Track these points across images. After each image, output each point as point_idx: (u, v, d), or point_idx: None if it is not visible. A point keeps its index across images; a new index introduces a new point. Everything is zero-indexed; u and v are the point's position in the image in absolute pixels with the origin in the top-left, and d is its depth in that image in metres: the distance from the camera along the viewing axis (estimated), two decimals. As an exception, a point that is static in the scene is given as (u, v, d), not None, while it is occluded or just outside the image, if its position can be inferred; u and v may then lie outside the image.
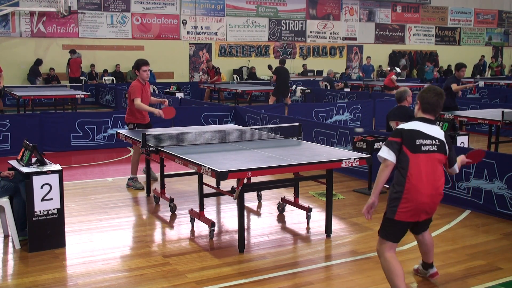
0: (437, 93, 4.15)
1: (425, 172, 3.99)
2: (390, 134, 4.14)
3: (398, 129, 4.09)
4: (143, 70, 7.65)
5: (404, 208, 3.99)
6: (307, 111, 12.85)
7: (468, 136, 7.86)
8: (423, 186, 3.97)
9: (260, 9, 23.67)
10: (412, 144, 3.99)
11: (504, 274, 4.82)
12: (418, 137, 4.01)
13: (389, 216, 4.07)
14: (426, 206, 4.04)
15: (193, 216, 6.02)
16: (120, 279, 4.70)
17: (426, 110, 4.16)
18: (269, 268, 4.93)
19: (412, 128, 4.06)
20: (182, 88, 18.50)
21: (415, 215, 4.04)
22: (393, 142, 4.02)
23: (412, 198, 3.97)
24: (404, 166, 3.99)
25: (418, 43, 27.94)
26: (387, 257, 4.09)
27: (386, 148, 4.02)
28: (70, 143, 10.57)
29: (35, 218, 5.19)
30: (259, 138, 6.83)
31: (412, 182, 3.96)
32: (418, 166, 3.97)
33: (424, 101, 4.16)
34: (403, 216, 4.02)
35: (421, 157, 3.99)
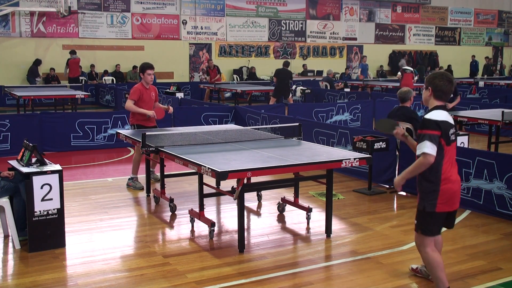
0: (450, 80, 4.12)
1: (454, 161, 4.11)
2: (423, 126, 4.00)
3: (434, 121, 3.97)
4: (148, 73, 7.63)
5: (443, 200, 4.05)
6: (307, 111, 12.85)
7: (468, 136, 7.86)
8: (455, 175, 4.10)
9: (260, 9, 23.67)
10: (447, 136, 4.01)
11: (504, 274, 4.82)
12: (450, 128, 4.04)
13: (430, 209, 4.07)
14: (459, 194, 4.16)
15: (193, 216, 6.02)
16: (120, 279, 4.70)
17: (440, 98, 4.13)
18: (269, 268, 4.93)
19: (444, 120, 4.01)
20: (182, 88, 18.51)
21: (453, 204, 4.13)
22: (435, 136, 3.94)
23: (449, 188, 4.05)
24: (440, 158, 3.99)
25: (418, 43, 27.94)
26: (428, 251, 4.18)
27: (429, 143, 3.93)
28: (70, 143, 10.57)
29: (35, 218, 5.19)
30: (259, 138, 6.83)
31: (447, 173, 4.04)
32: (450, 157, 4.06)
33: (437, 88, 4.10)
34: (442, 207, 4.07)
35: (452, 148, 4.07)
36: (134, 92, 7.59)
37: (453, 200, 4.11)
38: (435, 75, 4.18)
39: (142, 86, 7.68)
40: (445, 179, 4.03)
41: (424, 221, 4.16)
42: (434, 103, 4.14)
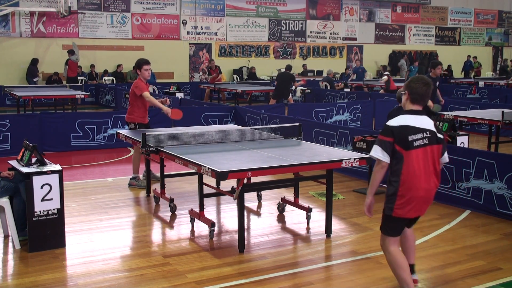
0: (426, 83, 4.10)
1: (419, 167, 3.95)
2: (380, 132, 4.07)
3: (389, 127, 3.99)
4: (145, 69, 7.74)
5: (400, 205, 4.00)
6: (307, 111, 12.85)
7: (468, 136, 7.86)
8: (418, 181, 3.95)
9: (260, 9, 23.67)
10: (405, 141, 3.93)
11: (504, 274, 4.82)
12: (409, 133, 3.94)
13: (387, 213, 4.09)
14: (422, 200, 4.03)
15: (193, 216, 6.02)
16: (120, 279, 4.70)
17: (415, 101, 4.10)
18: (269, 268, 4.93)
19: (402, 125, 3.98)
20: (182, 88, 18.51)
21: (412, 210, 4.04)
22: (385, 142, 3.95)
23: (408, 195, 3.96)
24: (398, 163, 3.95)
25: (418, 43, 27.95)
26: (391, 251, 4.13)
27: (379, 148, 3.96)
28: (70, 143, 10.57)
29: (35, 218, 5.19)
30: (259, 138, 6.83)
31: (407, 179, 3.94)
32: (412, 163, 3.93)
33: (413, 91, 4.09)
34: (400, 212, 4.03)
35: (414, 153, 3.93)
36: (142, 86, 7.68)
37: (414, 207, 4.01)
38: (412, 79, 4.20)
39: (141, 81, 7.78)
40: (405, 186, 3.94)
41: (384, 223, 4.17)
42: (408, 107, 4.14)
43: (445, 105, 13.69)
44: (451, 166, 6.84)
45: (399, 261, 4.09)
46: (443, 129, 7.81)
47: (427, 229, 6.01)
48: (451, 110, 12.48)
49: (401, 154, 3.93)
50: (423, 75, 9.52)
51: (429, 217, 6.50)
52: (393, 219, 4.08)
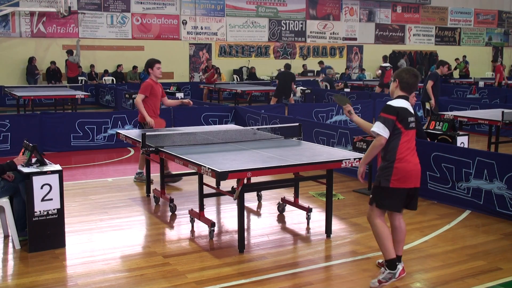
0: (416, 75, 4.54)
1: (411, 145, 4.46)
2: (382, 110, 4.43)
3: (393, 107, 4.39)
4: (157, 67, 7.86)
5: (396, 176, 4.37)
6: (307, 111, 12.85)
7: (468, 136, 7.85)
8: (411, 157, 4.44)
9: (260, 9, 23.67)
10: (405, 121, 4.39)
11: (504, 274, 4.82)
12: (409, 115, 4.42)
13: (384, 184, 4.42)
14: (414, 173, 4.45)
15: (193, 216, 6.02)
16: (120, 279, 4.70)
17: (404, 89, 4.52)
18: (269, 268, 4.93)
19: (403, 106, 4.40)
20: (182, 88, 18.49)
21: (407, 182, 4.41)
22: (389, 120, 4.34)
23: (403, 167, 4.38)
24: (396, 140, 4.38)
25: (418, 43, 27.95)
26: (378, 222, 4.47)
27: (382, 125, 4.35)
28: (70, 143, 10.57)
29: (35, 218, 5.19)
30: (259, 138, 6.83)
31: (403, 154, 4.39)
32: (407, 140, 4.42)
33: (403, 80, 4.52)
34: (397, 184, 4.38)
35: (410, 133, 4.45)
36: (145, 87, 7.76)
37: (408, 178, 4.39)
38: (403, 69, 4.63)
39: (151, 81, 7.86)
40: (399, 159, 4.38)
41: (379, 195, 4.47)
42: (398, 93, 4.54)
43: (445, 105, 13.71)
44: (451, 166, 6.84)
45: (385, 232, 4.45)
46: (443, 129, 7.81)
47: (427, 229, 6.01)
48: (451, 110, 12.48)
49: (401, 131, 4.38)
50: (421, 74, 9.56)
51: (429, 217, 6.51)
52: (391, 191, 4.41)
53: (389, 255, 4.44)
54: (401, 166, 4.38)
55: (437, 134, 7.76)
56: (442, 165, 6.95)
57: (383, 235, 4.44)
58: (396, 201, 4.46)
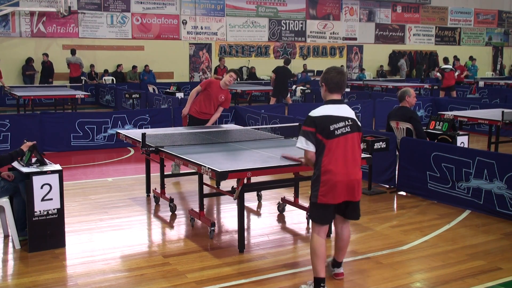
0: (339, 72, 4.27)
1: (341, 154, 4.13)
2: (303, 123, 4.22)
3: (311, 118, 4.16)
4: (231, 75, 7.86)
5: (323, 192, 4.14)
6: (307, 111, 12.72)
7: (468, 136, 7.86)
8: (338, 168, 4.12)
9: (260, 9, 23.67)
10: (326, 130, 4.10)
11: (504, 274, 4.82)
12: (331, 123, 4.11)
13: (313, 200, 4.22)
14: (344, 186, 4.15)
15: (193, 216, 6.02)
16: (120, 279, 4.70)
17: (333, 90, 4.25)
18: (269, 268, 4.93)
19: (323, 115, 4.13)
20: (182, 88, 18.48)
21: (335, 196, 4.16)
22: (308, 132, 4.12)
23: (329, 180, 4.12)
24: (320, 151, 4.13)
25: (418, 43, 27.94)
26: (313, 236, 4.28)
27: (304, 139, 4.14)
28: (70, 143, 10.57)
29: (35, 218, 5.19)
30: (259, 138, 6.83)
31: (328, 166, 4.11)
32: (334, 150, 4.11)
33: (328, 82, 4.24)
34: (324, 199, 4.16)
35: (335, 141, 4.11)
36: (204, 82, 7.98)
37: (336, 193, 4.14)
38: (326, 70, 4.34)
39: (217, 81, 7.98)
40: (326, 172, 4.11)
41: (311, 210, 4.32)
42: (328, 97, 4.28)
43: (445, 105, 13.72)
44: (451, 166, 6.84)
45: (319, 249, 4.22)
46: (443, 129, 7.81)
47: (427, 229, 6.01)
48: (451, 110, 12.49)
49: (323, 142, 4.11)
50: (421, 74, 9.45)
51: (429, 217, 6.51)
52: (319, 206, 4.21)
53: (316, 273, 4.26)
54: (327, 179, 4.11)
55: (437, 134, 7.76)
56: (442, 165, 6.95)
57: (314, 251, 4.24)
58: (325, 215, 4.27)
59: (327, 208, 4.23)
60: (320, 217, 4.26)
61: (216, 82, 7.89)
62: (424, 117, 13.61)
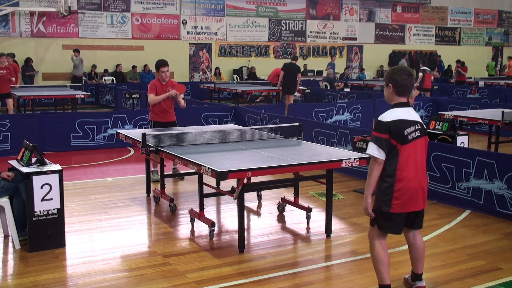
0: (410, 74, 4.04)
1: (413, 160, 3.99)
2: (374, 129, 4.01)
3: (384, 123, 3.93)
4: (161, 71, 7.87)
5: (398, 200, 3.97)
6: (307, 111, 12.85)
7: (468, 136, 7.86)
8: (413, 174, 3.98)
9: (260, 9, 23.67)
10: (401, 136, 3.92)
11: (504, 274, 4.82)
12: (405, 127, 3.94)
13: (385, 209, 4.01)
14: (418, 194, 4.04)
15: (193, 216, 6.02)
16: (120, 279, 4.70)
17: (401, 93, 4.03)
18: (269, 268, 4.93)
19: (397, 119, 3.94)
20: (182, 88, 18.46)
21: (409, 205, 4.02)
22: (381, 139, 3.91)
23: (405, 188, 3.96)
24: (394, 157, 3.94)
25: (418, 43, 27.95)
26: (375, 244, 4.12)
27: (375, 146, 3.92)
28: (70, 143, 10.57)
29: (35, 218, 5.19)
30: (259, 138, 6.83)
31: (403, 173, 3.95)
32: (408, 156, 3.95)
33: (397, 84, 4.01)
34: (399, 209, 3.99)
35: (409, 147, 3.96)
36: (151, 87, 7.88)
37: (410, 201, 4.00)
38: (394, 70, 4.09)
39: (158, 81, 7.93)
40: (401, 180, 3.94)
41: (380, 219, 4.08)
42: (395, 100, 4.06)
43: (445, 105, 13.72)
44: (451, 166, 6.84)
45: (380, 256, 4.09)
46: (443, 129, 7.81)
47: (427, 229, 6.00)
48: (451, 110, 12.49)
49: (398, 148, 3.93)
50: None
51: (429, 217, 6.50)
52: (391, 216, 4.03)
53: (381, 280, 4.11)
54: (403, 187, 3.95)
55: (437, 134, 7.76)
56: (442, 165, 6.95)
57: (378, 258, 4.09)
58: (397, 225, 4.10)
59: (400, 217, 4.07)
60: (391, 226, 4.09)
61: (157, 82, 7.87)
62: (424, 117, 13.61)
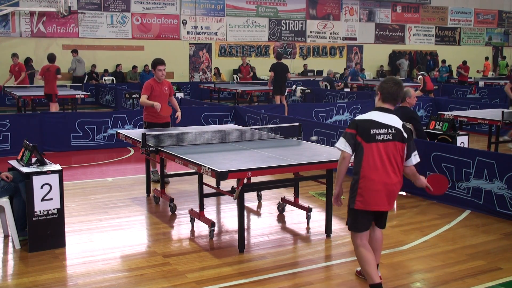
0: (396, 83, 4.27)
1: (380, 161, 4.08)
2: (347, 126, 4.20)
3: (354, 121, 4.20)
4: (158, 69, 7.78)
5: (361, 197, 4.11)
6: (307, 111, 12.84)
7: (468, 136, 7.86)
8: (377, 174, 4.08)
9: (260, 9, 23.67)
10: (366, 134, 4.09)
11: (504, 274, 4.82)
12: (372, 127, 4.10)
13: (350, 205, 4.20)
14: (381, 194, 4.10)
15: (193, 216, 6.02)
16: (120, 279, 4.70)
17: (386, 100, 4.24)
18: (269, 268, 4.93)
19: (366, 119, 4.15)
20: (182, 88, 18.51)
21: (372, 203, 4.11)
22: (348, 134, 4.13)
23: (367, 187, 4.08)
24: (359, 155, 4.12)
25: (418, 43, 27.94)
26: (358, 245, 4.24)
27: (343, 140, 4.13)
28: (70, 143, 10.57)
29: (35, 218, 5.19)
30: (259, 138, 6.83)
31: (366, 171, 4.09)
32: (373, 155, 4.08)
33: (384, 91, 4.25)
34: (361, 205, 4.13)
35: (375, 146, 4.08)
36: (145, 87, 7.75)
37: (372, 200, 4.09)
38: (384, 80, 4.35)
39: (154, 81, 7.84)
40: (364, 177, 4.09)
41: (349, 216, 4.26)
42: (378, 105, 4.28)
43: (445, 105, 13.71)
44: (451, 166, 6.84)
45: (365, 256, 4.19)
46: (443, 129, 7.81)
47: (427, 229, 6.01)
48: (451, 110, 12.49)
49: (362, 145, 4.09)
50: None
51: (429, 217, 6.51)
52: (355, 212, 4.18)
53: (371, 280, 4.18)
54: (365, 185, 4.08)
55: (437, 134, 7.76)
56: (442, 165, 6.95)
57: (362, 259, 4.21)
58: (361, 222, 4.21)
59: (365, 214, 4.18)
60: (357, 224, 4.20)
61: (153, 81, 7.78)
62: (424, 117, 13.62)
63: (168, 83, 8.04)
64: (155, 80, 7.85)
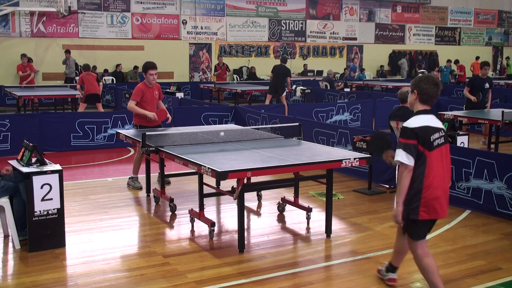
0: (436, 84, 4.04)
1: (440, 166, 3.97)
2: (400, 135, 3.97)
3: (411, 129, 3.91)
4: (150, 73, 7.56)
5: (425, 207, 3.94)
6: (307, 111, 12.85)
7: (468, 136, 7.86)
8: (439, 181, 3.96)
9: (260, 9, 23.67)
10: (428, 142, 3.90)
11: (504, 274, 4.82)
12: (431, 133, 3.92)
13: (412, 217, 3.98)
14: (443, 201, 4.01)
15: (193, 216, 6.02)
16: (120, 279, 4.70)
17: (425, 101, 4.04)
18: (269, 268, 4.93)
19: (423, 125, 3.92)
20: (182, 88, 18.49)
21: (437, 211, 3.99)
22: (410, 145, 3.88)
23: (431, 196, 3.93)
24: (422, 164, 3.91)
25: (418, 43, 27.94)
26: (419, 254, 4.09)
27: (404, 153, 3.88)
28: (70, 143, 10.57)
29: (35, 218, 5.19)
30: (259, 138, 6.83)
31: (431, 180, 3.92)
32: (436, 163, 3.94)
33: (423, 92, 4.02)
34: (426, 215, 3.96)
35: (436, 153, 3.94)
36: (136, 93, 7.55)
37: (438, 208, 3.98)
38: (422, 78, 4.11)
39: (144, 85, 7.64)
40: (429, 186, 3.92)
41: (410, 227, 4.07)
42: (418, 107, 4.06)
43: (445, 105, 13.71)
44: (451, 166, 6.83)
45: (428, 264, 4.06)
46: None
47: (427, 229, 6.00)
48: (451, 110, 12.48)
49: (425, 155, 3.91)
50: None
51: (429, 217, 6.50)
52: (419, 223, 4.01)
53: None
54: (430, 194, 3.91)
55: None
56: (442, 165, 6.94)
57: (429, 270, 4.04)
58: (424, 230, 4.09)
59: (429, 223, 4.07)
60: (420, 234, 4.07)
61: (143, 86, 7.59)
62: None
63: (158, 86, 7.79)
64: (146, 84, 7.61)
